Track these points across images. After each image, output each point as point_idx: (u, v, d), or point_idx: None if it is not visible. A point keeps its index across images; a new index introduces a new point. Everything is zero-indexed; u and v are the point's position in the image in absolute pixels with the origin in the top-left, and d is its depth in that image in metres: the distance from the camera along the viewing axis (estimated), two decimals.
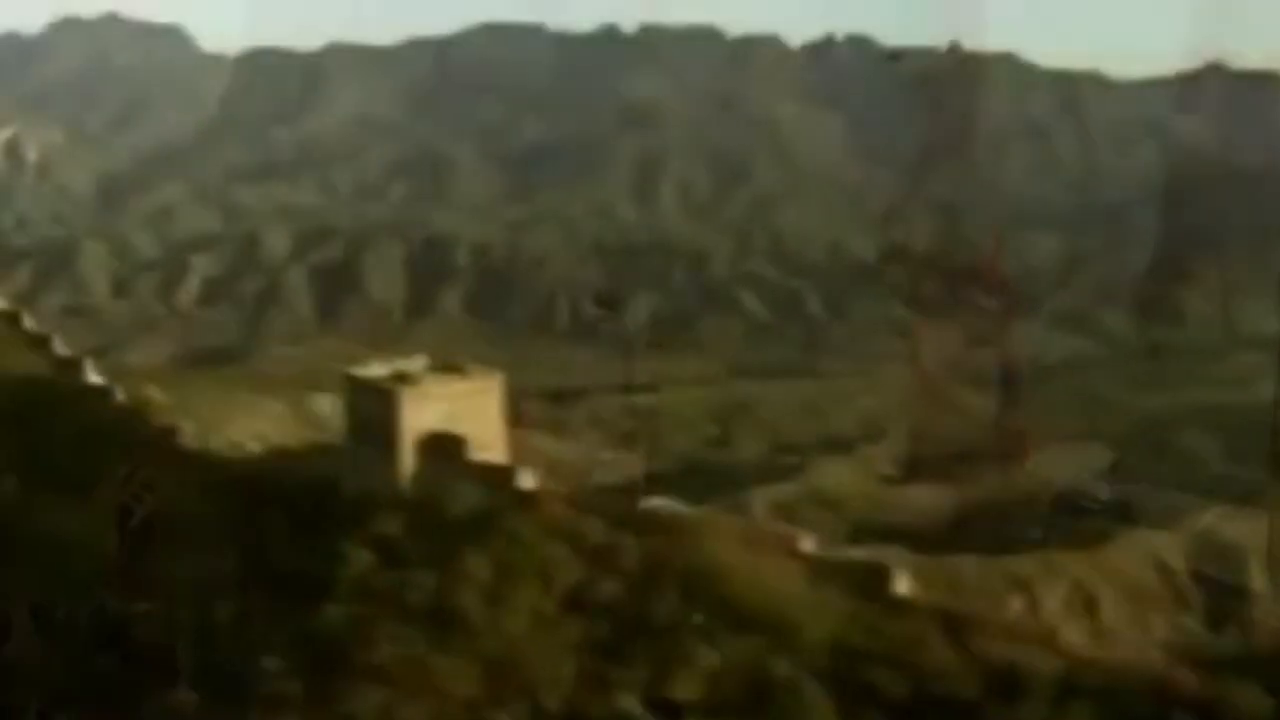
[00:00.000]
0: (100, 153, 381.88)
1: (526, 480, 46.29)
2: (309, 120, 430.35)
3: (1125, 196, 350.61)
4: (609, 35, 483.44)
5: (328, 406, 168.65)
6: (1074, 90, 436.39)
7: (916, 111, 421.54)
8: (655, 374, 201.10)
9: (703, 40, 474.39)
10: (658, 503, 53.18)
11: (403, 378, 49.86)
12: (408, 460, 47.46)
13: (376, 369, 51.28)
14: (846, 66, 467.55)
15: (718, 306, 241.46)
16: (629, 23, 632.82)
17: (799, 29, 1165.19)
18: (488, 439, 49.05)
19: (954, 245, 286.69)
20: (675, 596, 38.58)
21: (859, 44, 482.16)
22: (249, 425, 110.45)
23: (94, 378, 55.09)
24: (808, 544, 43.66)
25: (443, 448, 47.81)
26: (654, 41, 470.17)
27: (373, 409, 49.09)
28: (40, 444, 47.04)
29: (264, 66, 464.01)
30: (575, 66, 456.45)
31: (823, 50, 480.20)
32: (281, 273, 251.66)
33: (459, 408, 48.72)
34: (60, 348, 56.23)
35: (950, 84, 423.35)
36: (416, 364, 51.77)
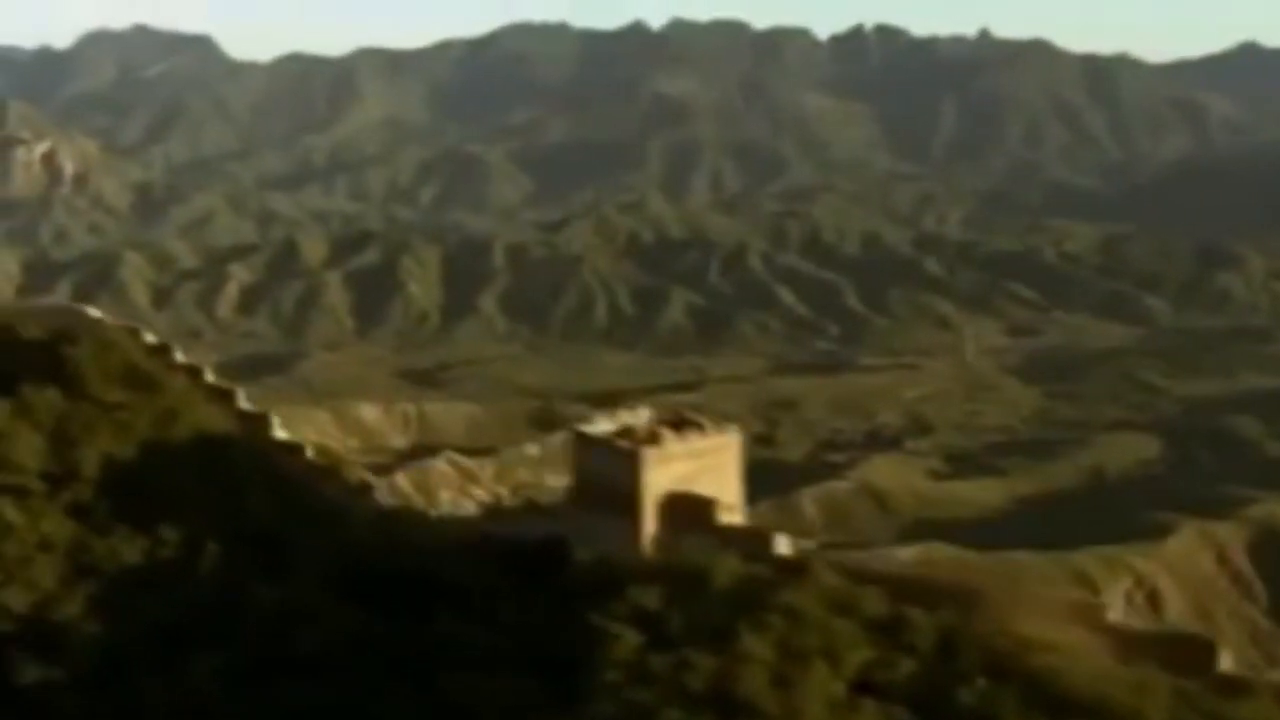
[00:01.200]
0: (135, 163, 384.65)
1: (784, 545, 42.41)
2: (340, 125, 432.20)
3: (1161, 179, 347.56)
4: (636, 31, 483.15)
5: (370, 414, 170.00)
6: (1105, 73, 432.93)
7: (947, 100, 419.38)
8: (696, 372, 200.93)
9: (730, 34, 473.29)
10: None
11: (629, 432, 45.72)
12: (650, 525, 43.88)
13: (603, 424, 46.59)
14: (875, 57, 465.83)
15: (755, 302, 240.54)
16: (656, 18, 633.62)
17: (827, 20, 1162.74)
18: (729, 500, 44.94)
19: (991, 234, 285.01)
20: (980, 676, 34.25)
21: (888, 34, 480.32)
22: (301, 436, 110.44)
23: (282, 433, 51.65)
24: (1114, 613, 40.14)
25: (687, 511, 43.74)
26: (681, 36, 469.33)
27: (607, 469, 45.08)
28: (235, 507, 43.80)
29: (294, 73, 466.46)
30: (603, 64, 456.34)
31: (851, 41, 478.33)
32: (319, 278, 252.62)
33: (699, 466, 44.67)
34: (245, 401, 52.61)
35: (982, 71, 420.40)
36: (640, 416, 47.04)
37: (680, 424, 46.61)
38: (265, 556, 42.02)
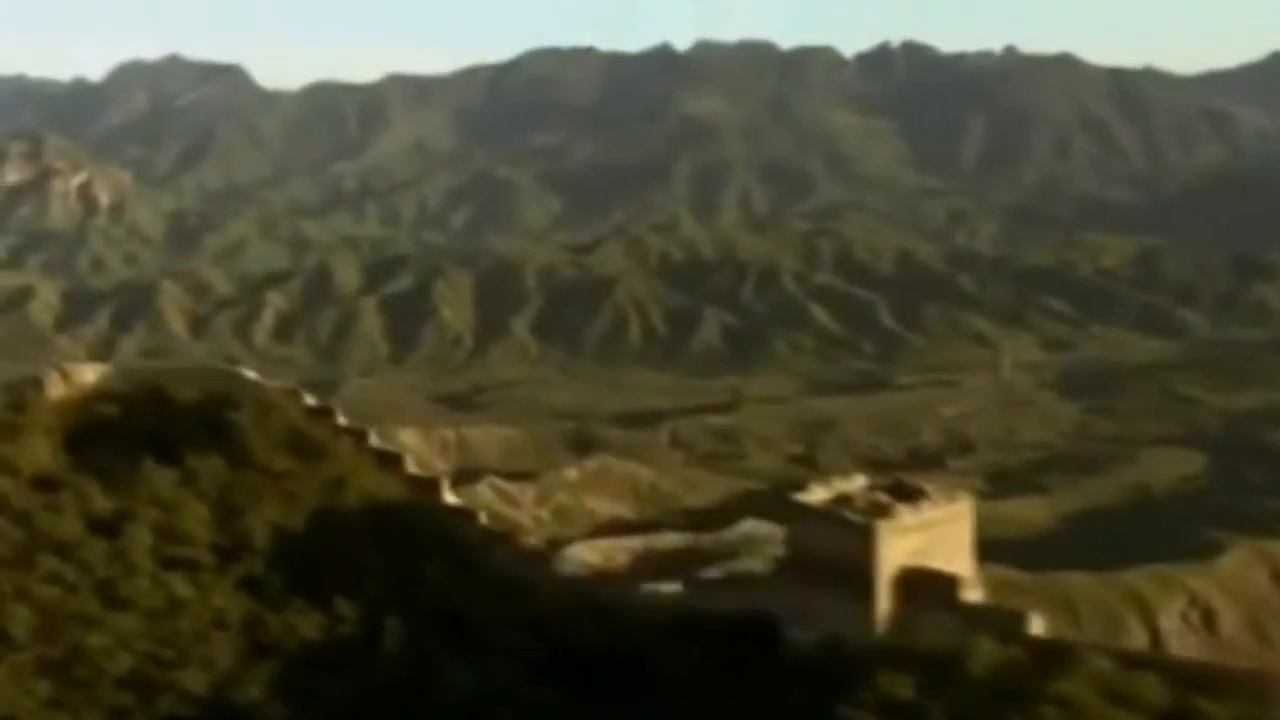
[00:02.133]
0: (169, 192, 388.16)
1: (1038, 625, 39.17)
2: (370, 151, 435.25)
3: (1192, 190, 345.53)
4: (662, 53, 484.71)
5: (410, 440, 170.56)
6: (1133, 85, 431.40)
7: (974, 115, 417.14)
8: (732, 392, 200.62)
9: (756, 54, 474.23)
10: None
11: (847, 500, 42.79)
12: (884, 604, 40.35)
13: (818, 491, 43.46)
14: (902, 73, 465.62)
15: (789, 321, 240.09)
16: (682, 40, 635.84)
17: (852, 38, 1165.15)
18: (964, 573, 41.79)
19: (1023, 248, 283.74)
20: None
21: (914, 50, 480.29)
22: None
23: (452, 499, 49.33)
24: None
25: (925, 587, 40.34)
26: (707, 57, 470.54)
27: (831, 542, 41.83)
28: (413, 579, 41.56)
29: (324, 100, 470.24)
30: (630, 85, 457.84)
31: (877, 58, 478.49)
32: (354, 305, 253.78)
33: (931, 538, 41.58)
34: (414, 466, 50.29)
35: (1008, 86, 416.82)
36: (854, 483, 44.24)
37: (902, 491, 43.47)
38: (448, 632, 39.71)
